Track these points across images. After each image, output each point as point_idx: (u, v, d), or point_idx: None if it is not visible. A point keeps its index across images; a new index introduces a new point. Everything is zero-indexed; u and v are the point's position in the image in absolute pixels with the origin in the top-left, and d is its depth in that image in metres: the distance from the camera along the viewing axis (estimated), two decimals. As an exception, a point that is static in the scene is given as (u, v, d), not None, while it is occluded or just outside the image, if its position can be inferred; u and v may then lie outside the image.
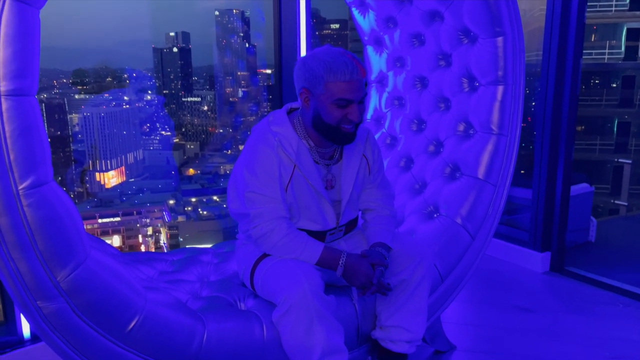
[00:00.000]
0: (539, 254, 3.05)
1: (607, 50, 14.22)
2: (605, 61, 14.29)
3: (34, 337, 2.08)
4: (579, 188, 3.51)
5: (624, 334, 2.35)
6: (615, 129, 14.38)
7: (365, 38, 2.66)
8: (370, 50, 2.67)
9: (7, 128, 1.17)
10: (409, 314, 1.74)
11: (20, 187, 1.19)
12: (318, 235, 1.70)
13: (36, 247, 1.22)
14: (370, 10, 2.50)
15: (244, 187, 1.61)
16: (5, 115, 1.17)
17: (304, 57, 1.61)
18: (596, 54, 14.32)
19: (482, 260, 2.17)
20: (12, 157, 1.18)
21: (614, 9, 13.94)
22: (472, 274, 2.04)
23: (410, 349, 1.76)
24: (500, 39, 2.03)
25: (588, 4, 2.94)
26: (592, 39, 14.42)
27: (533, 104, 3.11)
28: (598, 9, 13.95)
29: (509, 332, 2.37)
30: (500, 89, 2.06)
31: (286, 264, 1.58)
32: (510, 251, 3.20)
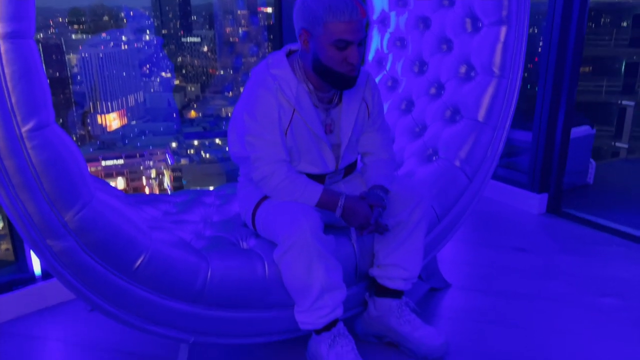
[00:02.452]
0: (537, 195, 3.09)
1: (618, -13, 13.71)
2: (616, -1, 13.81)
3: (45, 275, 2.16)
4: (580, 130, 3.50)
5: (616, 273, 2.43)
6: (622, 70, 14.09)
7: (367, -24, 2.59)
8: (372, -12, 2.60)
9: (7, 71, 1.17)
10: (406, 253, 1.80)
11: (24, 129, 1.21)
12: (317, 179, 1.73)
13: (42, 189, 1.25)
14: (372, -54, 2.42)
15: (244, 131, 1.63)
16: (4, 58, 1.17)
17: None
18: (606, -10, 13.82)
19: (480, 202, 2.21)
20: (13, 100, 1.19)
21: (626, -58, 13.31)
22: (469, 215, 2.08)
23: (406, 286, 1.83)
24: (505, -23, 1.97)
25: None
26: (603, -25, 13.87)
27: (541, 44, 3.05)
28: (609, -58, 13.33)
29: (503, 271, 2.45)
30: (504, 29, 2.03)
31: (286, 206, 1.62)
32: (508, 193, 3.24)
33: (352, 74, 1.59)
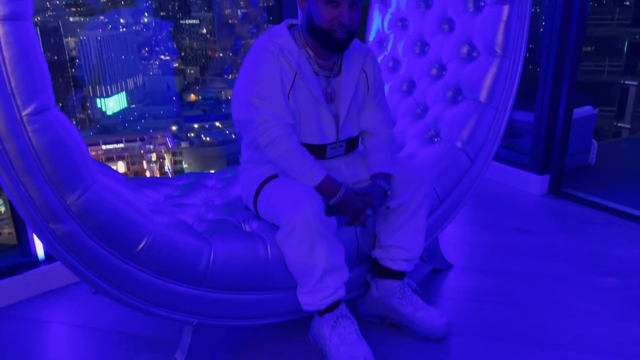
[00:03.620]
0: (538, 176, 3.09)
1: (621, -34, 13.52)
2: (620, -23, 13.64)
3: (49, 258, 2.18)
4: (583, 111, 3.49)
5: (615, 253, 2.44)
6: (625, 50, 13.96)
7: (368, -46, 2.55)
8: (373, -33, 2.57)
9: (5, 54, 1.16)
10: (408, 234, 1.80)
11: (24, 113, 1.21)
12: (319, 149, 1.74)
13: (44, 172, 1.25)
14: None
15: (248, 93, 1.63)
16: (2, 41, 1.16)
17: None
18: (610, -31, 13.63)
19: (482, 183, 2.21)
20: (13, 83, 1.18)
21: None
22: (470, 196, 2.08)
23: (408, 267, 1.84)
24: (508, -45, 1.94)
25: None
26: (607, -47, 13.66)
27: (543, 23, 3.01)
28: None
29: (505, 251, 2.46)
30: (506, 8, 2.00)
31: (289, 188, 1.62)
32: (510, 174, 3.24)
33: (342, 35, 1.59)
